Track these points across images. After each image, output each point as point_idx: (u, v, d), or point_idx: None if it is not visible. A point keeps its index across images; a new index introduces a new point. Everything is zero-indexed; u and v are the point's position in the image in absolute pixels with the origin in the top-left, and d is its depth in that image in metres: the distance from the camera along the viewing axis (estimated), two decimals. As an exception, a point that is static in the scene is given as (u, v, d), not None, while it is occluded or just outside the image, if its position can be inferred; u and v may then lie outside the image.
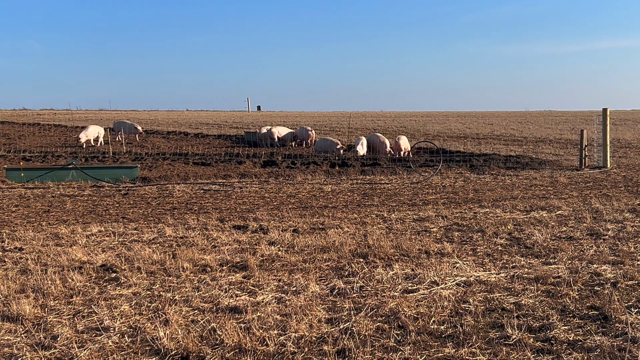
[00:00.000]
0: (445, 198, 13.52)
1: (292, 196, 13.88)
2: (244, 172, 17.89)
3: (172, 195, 14.08)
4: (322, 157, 21.22)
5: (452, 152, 23.24)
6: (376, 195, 13.93)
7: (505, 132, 40.33)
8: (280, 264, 7.80)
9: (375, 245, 8.63)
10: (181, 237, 9.39)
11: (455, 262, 7.79)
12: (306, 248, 8.60)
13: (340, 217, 11.08)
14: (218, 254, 8.28)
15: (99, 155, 22.26)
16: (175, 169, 19.07)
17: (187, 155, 22.38)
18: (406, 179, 16.96)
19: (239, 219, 10.92)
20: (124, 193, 14.37)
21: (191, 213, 11.75)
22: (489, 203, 12.64)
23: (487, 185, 15.68)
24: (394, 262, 7.83)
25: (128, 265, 7.71)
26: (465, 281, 7.00)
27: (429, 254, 8.27)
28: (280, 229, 9.97)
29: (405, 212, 11.65)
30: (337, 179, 17.02)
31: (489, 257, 8.17)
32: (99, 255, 8.27)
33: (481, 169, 18.85)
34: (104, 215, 11.67)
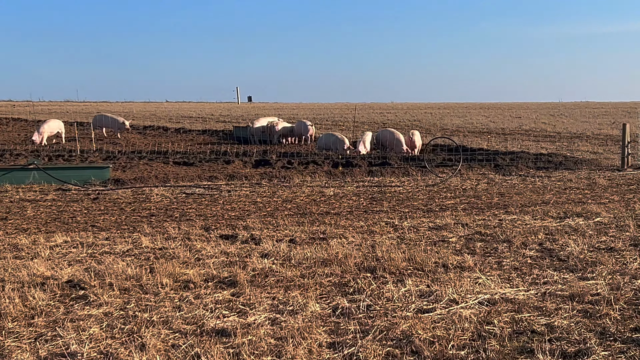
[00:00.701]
0: (465, 203, 13.51)
1: (288, 201, 13.87)
2: (232, 173, 17.88)
3: (149, 199, 14.08)
4: (323, 156, 21.22)
5: (473, 150, 23.25)
6: (386, 200, 13.93)
7: (535, 126, 40.36)
8: (275, 280, 7.80)
9: (385, 257, 8.62)
10: (160, 249, 9.38)
11: (478, 277, 7.78)
12: (304, 261, 8.59)
13: (344, 225, 11.08)
14: (202, 268, 8.27)
15: (65, 154, 22.27)
16: (153, 169, 19.07)
17: (166, 154, 22.38)
18: (420, 181, 16.95)
19: (227, 228, 10.91)
20: (94, 197, 14.37)
21: (171, 220, 11.75)
22: (516, 209, 12.63)
23: (514, 188, 15.67)
24: (407, 277, 7.82)
25: (98, 281, 7.70)
26: (489, 299, 7.00)
27: (447, 267, 8.26)
28: (274, 238, 9.96)
29: (419, 219, 11.64)
30: (340, 180, 17.02)
31: (516, 271, 8.16)
32: (64, 269, 8.26)
33: (507, 169, 18.85)
34: (71, 223, 11.67)
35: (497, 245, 9.50)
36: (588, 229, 10.59)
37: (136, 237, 10.15)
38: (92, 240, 9.99)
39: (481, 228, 10.66)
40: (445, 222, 11.16)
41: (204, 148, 25.27)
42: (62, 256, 9.02)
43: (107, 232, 10.66)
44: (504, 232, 10.33)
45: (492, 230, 10.45)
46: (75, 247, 9.50)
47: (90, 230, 10.85)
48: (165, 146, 25.20)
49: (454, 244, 9.59)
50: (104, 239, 10.07)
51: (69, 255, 9.04)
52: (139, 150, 23.37)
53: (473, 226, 10.84)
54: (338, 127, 38.60)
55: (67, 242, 9.83)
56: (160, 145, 25.47)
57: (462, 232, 10.39)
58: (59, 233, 10.54)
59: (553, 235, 10.08)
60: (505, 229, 10.61)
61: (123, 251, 9.29)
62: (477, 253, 9.06)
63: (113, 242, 9.88)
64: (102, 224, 11.52)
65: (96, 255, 9.03)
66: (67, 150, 23.49)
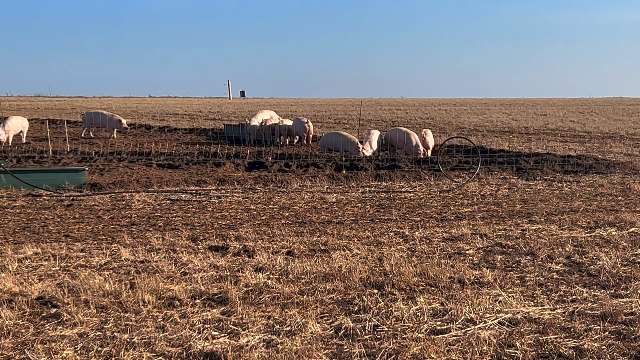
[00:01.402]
0: (484, 211, 13.51)
1: (285, 208, 13.88)
2: (223, 176, 17.90)
3: (129, 206, 14.08)
4: (325, 158, 21.22)
5: (493, 151, 23.25)
6: (395, 207, 13.93)
7: (562, 125, 40.35)
8: (270, 297, 7.80)
9: (394, 272, 8.62)
10: (141, 262, 9.38)
11: (498, 295, 7.78)
12: (304, 276, 8.59)
13: (348, 236, 11.08)
14: (189, 284, 8.27)
15: (36, 155, 22.27)
16: (135, 172, 19.08)
17: (149, 155, 22.39)
18: (434, 186, 16.96)
19: (217, 238, 10.91)
20: (68, 204, 14.37)
21: (155, 230, 11.75)
22: (541, 217, 12.63)
23: (538, 194, 15.68)
24: (418, 294, 7.82)
25: (72, 298, 7.70)
26: (510, 319, 6.99)
27: (464, 283, 8.26)
28: (270, 250, 9.96)
29: (432, 229, 11.64)
30: (344, 185, 17.03)
31: (541, 287, 8.16)
32: (34, 284, 8.26)
33: (531, 173, 18.85)
34: (42, 232, 11.67)
35: (520, 258, 9.49)
36: (622, 240, 10.59)
37: (115, 249, 10.15)
38: (65, 252, 9.98)
39: (502, 239, 10.66)
40: (462, 233, 11.16)
41: (191, 149, 25.27)
42: (32, 270, 9.02)
43: (83, 243, 10.66)
44: (528, 243, 10.33)
45: (514, 242, 10.45)
46: (47, 260, 9.50)
47: (64, 241, 10.85)
48: (147, 147, 25.18)
49: (471, 257, 9.59)
50: (79, 251, 10.07)
51: (39, 269, 9.04)
52: (119, 151, 23.37)
53: (493, 237, 10.84)
54: (342, 126, 38.60)
55: (38, 254, 9.83)
56: (142, 146, 25.46)
57: (481, 244, 10.38)
58: (28, 244, 10.53)
59: (582, 247, 10.08)
60: (528, 240, 10.61)
61: (100, 264, 9.29)
62: (497, 267, 9.06)
63: (89, 254, 9.88)
64: (76, 233, 11.53)
65: (70, 269, 9.03)
66: (38, 151, 23.45)
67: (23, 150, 24.00)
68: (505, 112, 56.44)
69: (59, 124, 36.76)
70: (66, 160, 21.29)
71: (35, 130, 34.15)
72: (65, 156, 22.12)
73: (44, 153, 22.86)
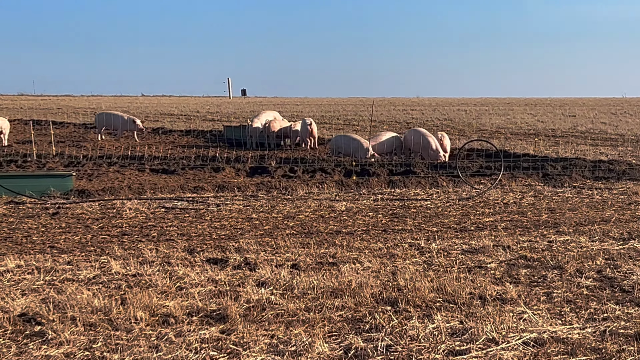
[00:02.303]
0: (507, 220, 13.50)
1: (290, 217, 13.89)
2: (222, 182, 17.91)
3: (120, 215, 14.11)
4: (334, 163, 21.22)
5: (517, 156, 23.23)
6: (410, 217, 13.93)
7: (593, 127, 40.34)
8: (274, 314, 7.80)
9: (409, 287, 8.62)
10: (133, 275, 9.39)
11: (522, 312, 7.77)
12: (310, 291, 8.60)
13: (358, 247, 11.08)
14: (186, 299, 8.28)
15: (18, 159, 22.31)
16: (126, 178, 19.11)
17: (142, 159, 22.41)
18: (452, 193, 16.95)
19: (216, 250, 10.92)
20: (53, 212, 14.40)
21: (148, 241, 11.76)
22: (569, 228, 12.62)
23: (567, 202, 15.66)
24: (435, 312, 7.81)
25: (58, 315, 7.71)
26: (536, 339, 6.99)
27: (485, 299, 8.25)
28: (273, 263, 9.97)
29: (450, 240, 11.64)
30: (354, 192, 17.03)
31: (569, 304, 8.15)
32: (17, 300, 8.27)
33: (559, 179, 18.83)
34: (25, 243, 11.69)
35: (546, 272, 9.48)
36: (658, 253, 10.58)
37: (105, 261, 10.16)
38: (50, 264, 10.00)
39: (526, 251, 10.65)
40: (483, 244, 11.15)
41: (187, 152, 25.30)
42: (14, 284, 9.03)
43: (70, 255, 10.67)
44: (555, 256, 10.32)
45: (540, 255, 10.44)
46: (31, 273, 9.52)
47: (49, 253, 10.87)
48: (140, 150, 25.24)
49: (493, 271, 9.59)
50: (66, 263, 10.08)
51: (22, 283, 9.06)
52: (109, 155, 23.39)
53: (516, 249, 10.83)
54: (352, 127, 38.66)
55: (21, 267, 9.84)
56: (134, 149, 25.53)
57: (503, 257, 10.38)
58: (10, 255, 10.54)
59: (614, 261, 10.07)
60: (556, 252, 10.60)
61: (88, 278, 9.31)
62: (521, 282, 9.05)
63: (76, 266, 9.89)
64: (63, 244, 11.54)
65: (56, 283, 9.04)
66: (21, 155, 23.50)
67: (4, 154, 24.04)
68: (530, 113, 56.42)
69: (44, 125, 36.89)
70: (51, 164, 21.34)
71: (18, 132, 34.25)
72: (50, 160, 22.17)
73: (28, 157, 22.90)
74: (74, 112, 51.74)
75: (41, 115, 48.64)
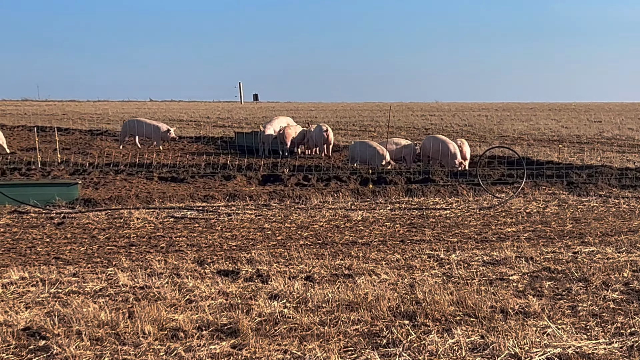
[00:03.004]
0: (530, 231, 13.48)
1: (304, 227, 13.89)
2: (233, 191, 17.93)
3: (128, 225, 14.13)
4: (349, 171, 21.22)
5: (540, 163, 23.20)
6: (428, 227, 13.92)
7: (619, 133, 40.22)
8: (287, 328, 7.80)
9: (427, 300, 8.61)
10: (141, 288, 9.41)
11: (546, 326, 7.76)
12: (325, 304, 8.60)
13: (375, 259, 11.08)
14: (195, 313, 8.29)
15: (22, 167, 22.38)
16: (133, 186, 19.14)
17: (150, 167, 22.45)
18: (472, 202, 16.93)
19: (227, 261, 10.94)
20: (58, 222, 14.44)
21: (156, 252, 11.79)
22: (595, 238, 12.59)
23: (592, 211, 15.62)
24: (455, 326, 7.80)
25: (63, 329, 7.73)
26: (560, 354, 6.97)
27: (507, 313, 8.24)
28: (286, 275, 9.97)
29: (471, 251, 11.63)
30: (370, 201, 17.03)
31: (595, 318, 8.13)
32: (21, 313, 8.30)
33: (584, 187, 18.79)
34: (29, 254, 11.72)
35: (571, 285, 9.46)
36: (688, 264, 10.54)
37: (111, 273, 10.18)
38: (55, 276, 10.03)
39: (550, 263, 10.63)
40: (505, 256, 11.14)
41: (197, 160, 25.33)
42: (18, 297, 9.06)
43: (75, 266, 10.70)
44: (580, 268, 10.30)
45: (564, 266, 10.42)
46: (35, 285, 9.55)
47: (54, 264, 10.90)
48: (148, 157, 25.28)
49: (515, 284, 9.57)
50: (71, 275, 10.11)
51: (26, 296, 9.08)
52: (116, 163, 23.43)
53: (540, 261, 10.81)
54: (368, 133, 38.64)
55: (25, 279, 9.87)
56: (142, 156, 25.57)
57: (526, 269, 10.36)
58: (14, 267, 10.59)
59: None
60: (581, 264, 10.58)
61: (95, 290, 9.33)
62: (544, 295, 9.04)
63: (82, 278, 9.91)
64: (68, 255, 11.58)
65: (61, 296, 9.07)
66: (25, 163, 23.56)
67: (8, 162, 24.10)
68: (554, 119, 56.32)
69: (49, 131, 36.93)
70: (57, 172, 21.38)
71: (21, 138, 34.41)
72: (55, 168, 22.21)
73: (32, 164, 22.97)
74: (79, 118, 51.91)
75: (46, 122, 48.77)
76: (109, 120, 51.10)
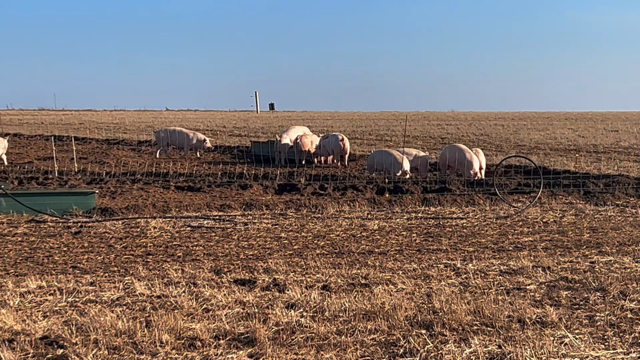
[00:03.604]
0: (547, 240, 13.45)
1: (320, 236, 13.89)
2: (250, 200, 17.95)
3: (145, 234, 14.16)
4: (365, 180, 21.22)
5: (557, 172, 23.13)
6: (445, 236, 13.90)
7: (636, 142, 40.07)
8: (304, 337, 7.80)
9: (444, 309, 8.60)
10: (158, 297, 9.43)
11: (563, 336, 7.74)
12: (341, 313, 8.59)
13: (391, 268, 11.07)
14: (212, 322, 8.30)
15: (39, 176, 22.46)
16: (150, 195, 19.18)
17: (167, 176, 22.50)
18: (489, 212, 16.90)
19: (243, 270, 10.95)
20: (76, 231, 14.48)
21: (173, 261, 11.81)
22: (612, 248, 12.55)
23: (609, 221, 15.57)
24: (472, 335, 7.79)
25: (81, 338, 7.75)
26: (578, 364, 6.95)
27: (524, 323, 8.22)
28: (303, 284, 9.97)
29: (488, 260, 11.61)
30: (387, 211, 17.02)
31: (613, 328, 8.10)
32: (38, 322, 8.32)
33: (601, 197, 18.73)
34: (47, 263, 11.76)
35: (588, 294, 9.44)
36: None
37: (129, 282, 10.21)
38: (73, 285, 10.06)
39: (567, 273, 10.60)
40: (522, 265, 11.11)
41: (213, 169, 25.36)
42: (36, 305, 9.09)
43: (92, 275, 10.73)
44: (597, 278, 10.27)
45: (582, 276, 10.39)
46: (52, 294, 9.58)
47: (71, 273, 10.94)
48: (165, 166, 25.34)
49: (532, 293, 9.55)
50: (88, 284, 10.14)
51: (44, 305, 9.11)
52: (132, 172, 23.50)
53: (557, 270, 10.79)
54: (384, 143, 38.62)
55: (42, 288, 9.90)
56: (158, 166, 25.62)
57: (543, 278, 10.34)
58: (31, 276, 10.62)
59: (660, 283, 10.01)
60: (598, 274, 10.55)
61: (112, 299, 9.35)
62: (562, 305, 9.01)
63: (99, 287, 9.94)
64: (85, 264, 11.61)
65: (78, 305, 9.09)
66: (42, 172, 23.65)
67: (25, 171, 24.18)
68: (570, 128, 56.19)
69: (66, 140, 37.07)
70: (73, 181, 21.46)
71: (39, 148, 34.54)
72: (72, 177, 22.30)
73: (49, 174, 23.05)
74: (96, 128, 52.04)
75: (63, 131, 48.95)
76: (126, 130, 51.22)
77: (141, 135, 44.14)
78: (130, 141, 39.68)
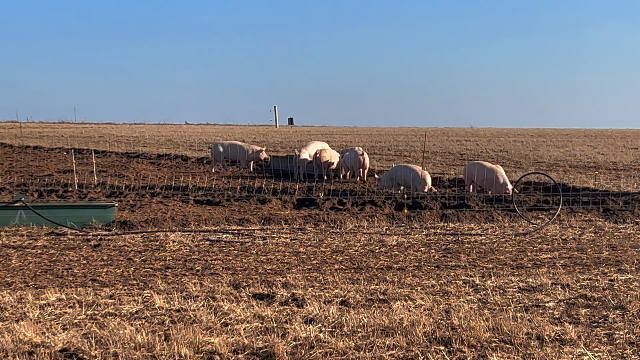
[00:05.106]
0: (566, 257, 13.42)
1: (339, 251, 13.90)
2: (269, 215, 17.97)
3: (164, 247, 14.20)
4: (384, 195, 21.22)
5: (576, 190, 23.07)
6: (464, 252, 13.89)
7: (656, 160, 39.95)
8: (323, 352, 7.81)
9: (463, 326, 8.59)
10: (177, 310, 9.45)
11: (582, 354, 7.72)
12: (360, 329, 8.59)
13: (410, 284, 11.07)
14: (231, 336, 8.31)
15: (59, 189, 22.55)
16: (169, 209, 19.25)
17: (186, 190, 22.55)
18: (508, 228, 16.87)
19: (262, 285, 10.96)
20: (95, 244, 14.53)
21: (192, 275, 11.83)
22: (632, 266, 12.51)
23: (629, 238, 15.52)
24: (491, 352, 7.78)
25: (100, 351, 7.77)
26: (597, 382, 6.93)
27: (543, 340, 8.20)
28: (321, 299, 9.98)
29: (506, 277, 11.59)
30: (405, 226, 17.01)
31: (632, 346, 8.08)
32: (58, 335, 8.35)
33: (620, 214, 18.67)
34: (66, 276, 11.81)
35: (608, 312, 9.41)
36: None
37: (148, 295, 10.24)
38: (92, 298, 10.09)
39: (586, 290, 10.57)
40: (540, 282, 11.09)
41: (232, 183, 25.43)
42: (55, 318, 9.12)
43: (112, 289, 10.77)
44: (616, 295, 10.24)
45: (601, 294, 10.36)
46: (72, 307, 9.61)
47: (91, 286, 10.98)
48: (184, 180, 25.38)
49: (551, 311, 9.53)
50: (108, 297, 10.17)
51: (63, 317, 9.14)
52: (152, 185, 23.58)
53: (576, 288, 10.76)
54: (403, 158, 38.60)
55: (62, 301, 9.94)
56: (178, 179, 25.67)
57: (562, 295, 10.31)
58: (51, 289, 10.67)
59: (680, 301, 9.97)
60: (617, 291, 10.52)
61: (131, 313, 9.38)
62: (581, 322, 8.99)
63: (119, 300, 9.97)
64: (104, 277, 11.65)
65: (97, 318, 9.12)
66: (62, 185, 23.76)
67: (45, 184, 24.29)
68: (590, 145, 56.04)
69: (86, 153, 37.18)
70: (93, 194, 21.55)
71: (59, 160, 34.66)
72: (92, 190, 22.38)
73: (69, 186, 23.16)
74: (116, 141, 52.10)
75: (82, 144, 49.06)
76: (145, 143, 51.31)
77: (160, 149, 44.22)
78: (149, 154, 39.76)
